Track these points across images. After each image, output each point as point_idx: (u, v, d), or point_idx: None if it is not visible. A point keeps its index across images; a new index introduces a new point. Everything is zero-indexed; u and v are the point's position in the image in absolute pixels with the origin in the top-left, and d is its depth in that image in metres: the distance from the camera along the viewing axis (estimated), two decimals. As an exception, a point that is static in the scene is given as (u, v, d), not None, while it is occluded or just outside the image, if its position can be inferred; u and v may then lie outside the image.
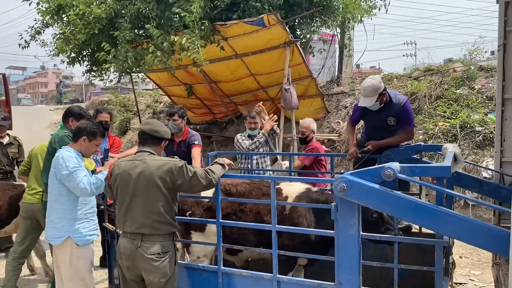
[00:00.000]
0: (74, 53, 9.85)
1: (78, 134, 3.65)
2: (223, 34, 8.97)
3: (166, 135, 3.27)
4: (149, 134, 3.19)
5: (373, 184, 2.62)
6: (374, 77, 4.53)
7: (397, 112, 4.54)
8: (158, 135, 3.20)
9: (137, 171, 3.04)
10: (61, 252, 3.52)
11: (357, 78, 11.06)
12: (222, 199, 3.36)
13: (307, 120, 5.50)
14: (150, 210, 3.02)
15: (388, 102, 4.53)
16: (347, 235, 2.79)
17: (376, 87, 4.38)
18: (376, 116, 4.62)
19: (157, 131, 3.21)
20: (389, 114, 4.56)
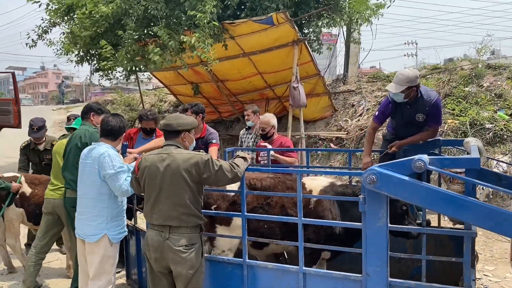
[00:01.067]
0: (83, 52, 9.85)
1: (118, 132, 3.69)
2: (231, 32, 8.98)
3: (180, 126, 3.21)
4: (164, 129, 3.26)
5: (402, 176, 2.64)
6: (413, 70, 4.39)
7: (427, 109, 4.44)
8: (170, 129, 3.21)
9: (164, 164, 3.07)
10: (94, 250, 3.52)
11: (363, 77, 11.09)
12: (247, 193, 3.38)
13: (267, 116, 5.43)
14: (177, 203, 3.04)
15: (419, 99, 4.42)
16: (375, 227, 2.82)
17: (409, 78, 4.22)
18: (405, 112, 4.49)
19: (169, 125, 3.21)
20: (418, 111, 4.45)
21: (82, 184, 3.60)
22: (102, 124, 3.71)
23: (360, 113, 9.44)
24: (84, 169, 3.59)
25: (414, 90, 4.33)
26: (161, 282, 3.17)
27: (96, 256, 3.50)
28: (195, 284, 3.11)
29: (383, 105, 4.67)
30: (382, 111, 4.66)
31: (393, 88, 4.30)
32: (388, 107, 4.58)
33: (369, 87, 10.30)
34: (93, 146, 3.65)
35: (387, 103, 4.58)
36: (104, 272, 3.52)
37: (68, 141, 4.21)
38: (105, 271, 3.53)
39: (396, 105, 4.50)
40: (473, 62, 9.76)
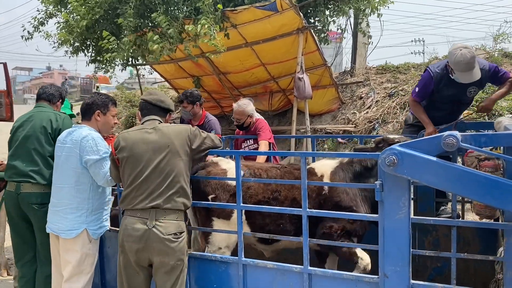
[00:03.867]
0: (78, 42, 9.44)
1: (88, 110, 3.24)
2: (232, 20, 8.54)
3: (172, 106, 3.01)
4: (154, 104, 2.93)
5: (429, 156, 2.18)
6: (466, 46, 3.90)
7: (483, 78, 3.97)
8: (164, 106, 2.96)
9: (152, 140, 2.74)
10: (71, 247, 3.08)
11: (371, 69, 10.60)
12: (243, 180, 2.92)
13: (241, 105, 4.92)
14: (170, 181, 2.71)
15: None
16: (395, 219, 2.36)
17: (474, 55, 3.80)
18: (452, 88, 4.02)
19: (163, 101, 2.97)
20: (473, 83, 3.98)
21: (58, 172, 3.16)
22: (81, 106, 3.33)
23: (368, 105, 8.95)
24: (61, 154, 3.14)
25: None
26: (137, 277, 2.76)
27: (73, 254, 3.06)
28: (182, 279, 2.75)
29: (424, 82, 4.20)
30: (424, 87, 4.18)
31: (477, 75, 3.84)
32: (431, 83, 4.11)
33: (377, 79, 9.80)
34: (73, 129, 3.23)
35: (429, 79, 4.10)
36: (82, 273, 3.08)
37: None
38: (83, 271, 3.08)
39: (440, 80, 4.02)
40: (488, 52, 9.24)
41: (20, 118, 3.57)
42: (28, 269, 3.45)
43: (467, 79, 3.86)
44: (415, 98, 4.26)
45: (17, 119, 3.58)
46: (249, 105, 4.75)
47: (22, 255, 3.47)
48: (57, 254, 3.15)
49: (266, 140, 4.44)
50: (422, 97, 4.23)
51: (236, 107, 4.72)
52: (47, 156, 3.32)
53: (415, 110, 4.34)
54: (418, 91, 4.23)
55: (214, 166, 3.38)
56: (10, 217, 3.45)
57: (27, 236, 3.42)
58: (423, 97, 4.24)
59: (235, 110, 4.71)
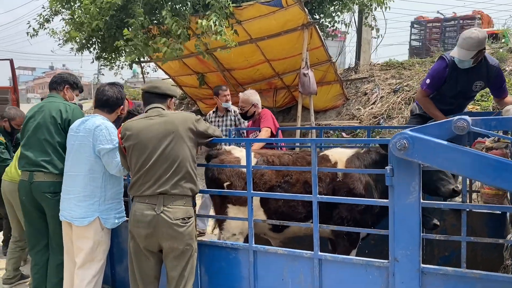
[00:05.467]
0: (84, 39, 9.48)
1: (115, 104, 3.27)
2: (237, 17, 8.57)
3: (170, 91, 3.01)
4: (150, 92, 2.95)
5: (440, 140, 2.20)
6: (480, 30, 3.78)
7: (491, 75, 3.87)
8: (160, 91, 2.95)
9: (157, 127, 2.77)
10: (83, 235, 3.10)
11: (375, 65, 10.61)
12: (253, 167, 2.95)
13: (246, 93, 4.89)
14: (176, 166, 2.73)
15: (482, 63, 3.84)
16: (405, 203, 2.39)
17: (481, 41, 3.64)
18: (461, 79, 3.89)
19: (158, 87, 2.97)
20: (480, 77, 3.88)
21: (71, 160, 3.18)
22: (98, 94, 3.32)
23: (373, 101, 8.97)
24: (74, 143, 3.17)
25: (482, 53, 3.75)
26: (148, 262, 2.79)
27: (86, 241, 3.08)
28: (192, 263, 2.78)
29: (438, 69, 3.94)
30: (438, 75, 3.92)
31: (464, 55, 3.69)
32: (445, 71, 3.89)
33: (382, 75, 9.82)
34: (86, 118, 3.25)
35: (444, 66, 3.89)
36: (94, 260, 3.11)
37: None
38: (95, 258, 3.11)
39: (452, 70, 3.87)
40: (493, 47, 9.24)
41: (32, 108, 3.60)
42: (41, 257, 3.49)
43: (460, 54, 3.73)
44: (427, 90, 4.01)
45: (29, 110, 3.62)
46: (254, 94, 4.80)
47: (35, 244, 3.51)
48: (69, 242, 3.18)
49: (267, 126, 4.49)
50: (435, 88, 3.99)
51: (242, 95, 4.79)
52: (57, 146, 3.34)
53: (426, 106, 4.08)
54: (430, 82, 3.97)
55: (227, 154, 3.41)
56: (23, 206, 3.48)
57: (40, 224, 3.45)
58: (435, 88, 4.00)
59: (241, 98, 4.78)
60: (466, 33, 3.73)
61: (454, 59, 3.81)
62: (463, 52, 3.69)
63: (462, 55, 3.70)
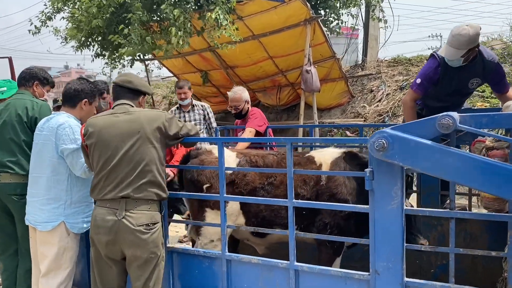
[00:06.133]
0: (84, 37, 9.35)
1: (75, 97, 3.06)
2: (239, 13, 8.37)
3: (143, 87, 2.80)
4: (122, 86, 2.73)
5: (423, 140, 1.95)
6: (473, 26, 3.42)
7: (488, 72, 3.56)
8: (132, 87, 2.73)
9: (121, 125, 2.56)
10: (47, 240, 2.90)
11: (382, 62, 10.29)
12: (226, 169, 2.72)
13: (236, 91, 4.53)
14: (140, 170, 2.52)
15: (477, 60, 3.52)
16: (387, 210, 2.14)
17: (472, 39, 3.33)
18: (456, 77, 3.59)
19: (131, 82, 2.74)
20: (476, 74, 3.58)
21: (34, 161, 2.99)
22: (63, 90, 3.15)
23: (379, 99, 8.68)
24: (38, 142, 2.98)
25: (475, 51, 3.44)
26: (110, 271, 2.58)
27: (50, 247, 2.89)
28: (157, 273, 2.57)
29: (429, 69, 3.63)
30: (429, 76, 3.60)
31: (452, 54, 3.40)
32: (436, 71, 3.58)
33: (389, 72, 9.51)
34: (51, 116, 3.06)
35: (436, 66, 3.59)
36: (60, 268, 2.91)
37: None
38: (61, 266, 2.91)
39: (445, 70, 3.58)
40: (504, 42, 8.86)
41: None
42: (10, 262, 3.31)
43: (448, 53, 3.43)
44: (417, 91, 3.65)
45: None
46: (244, 91, 4.52)
47: (4, 248, 3.33)
48: (34, 247, 3.01)
49: (251, 127, 4.22)
50: (425, 88, 3.63)
51: (232, 94, 4.47)
52: (24, 146, 3.16)
53: (408, 112, 3.74)
54: (421, 82, 3.61)
55: (207, 154, 3.19)
56: None
57: (9, 228, 3.28)
58: (426, 89, 3.64)
59: (231, 97, 4.46)
60: (456, 29, 3.40)
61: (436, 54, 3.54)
62: (451, 51, 3.39)
63: (451, 54, 3.41)
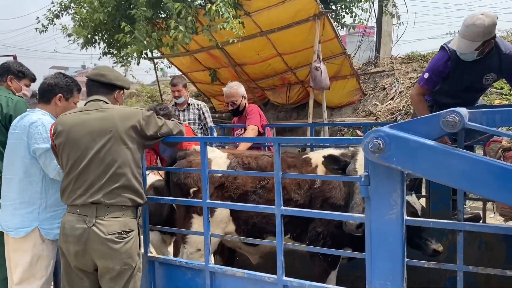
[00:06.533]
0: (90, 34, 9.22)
1: (49, 91, 2.84)
2: (246, 8, 8.12)
3: (118, 81, 2.55)
4: (94, 80, 2.51)
5: (426, 140, 1.67)
6: (488, 15, 3.04)
7: (506, 66, 3.21)
8: (105, 80, 2.51)
9: (92, 123, 2.34)
10: (20, 247, 2.70)
11: (396, 58, 9.92)
12: (209, 172, 2.46)
13: (232, 86, 4.29)
14: (112, 173, 2.30)
15: (493, 53, 3.18)
16: (385, 220, 1.86)
17: (487, 30, 3.00)
18: (468, 72, 3.26)
19: (104, 75, 2.51)
20: (491, 69, 3.24)
21: (6, 161, 2.78)
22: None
23: (392, 96, 8.33)
24: (10, 141, 2.77)
25: (491, 44, 3.11)
26: (82, 284, 2.36)
27: (23, 255, 2.68)
28: (133, 285, 2.34)
29: (439, 62, 3.30)
30: (438, 70, 3.29)
31: (465, 47, 3.06)
32: (446, 65, 3.26)
33: (403, 69, 9.14)
34: (25, 113, 2.85)
35: (446, 59, 3.26)
36: (34, 277, 2.70)
37: None
38: (35, 275, 2.70)
39: (456, 64, 3.26)
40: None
41: None
42: None
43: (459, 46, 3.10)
44: (424, 87, 3.34)
45: None
46: (240, 86, 4.27)
47: None
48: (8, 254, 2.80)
49: (254, 124, 3.95)
50: (434, 83, 3.32)
51: (228, 89, 4.22)
52: None
53: (418, 106, 3.43)
54: (429, 77, 3.30)
55: (196, 155, 2.95)
56: None
57: None
58: (434, 84, 3.32)
59: (227, 93, 4.22)
60: (469, 19, 3.05)
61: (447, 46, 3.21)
62: (464, 44, 3.05)
63: (463, 47, 3.06)
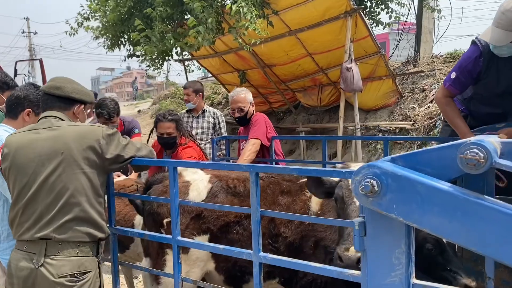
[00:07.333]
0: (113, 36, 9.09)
1: (17, 105, 2.54)
2: (273, 6, 7.69)
3: (77, 94, 2.18)
4: (48, 93, 2.15)
5: (440, 183, 1.18)
6: None
7: None
8: (62, 93, 2.14)
9: (42, 144, 2.00)
10: None
11: (437, 57, 9.16)
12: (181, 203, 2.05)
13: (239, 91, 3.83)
14: (64, 202, 1.95)
15: None
16: (385, 283, 1.38)
17: None
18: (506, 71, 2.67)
19: (59, 88, 2.15)
20: None
21: None
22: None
23: (431, 99, 7.63)
24: None
25: None
26: None
27: None
28: None
29: (468, 59, 2.75)
30: (467, 69, 2.73)
31: (499, 38, 2.47)
32: (477, 62, 2.69)
33: (444, 69, 8.40)
34: None
35: (477, 56, 2.69)
36: None
37: None
38: None
39: (489, 62, 2.67)
40: None
41: None
42: None
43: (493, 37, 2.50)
44: (450, 88, 2.80)
45: None
46: (248, 92, 3.83)
47: None
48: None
49: (256, 137, 3.49)
50: (462, 85, 2.78)
51: (235, 95, 3.77)
52: None
53: (445, 110, 2.89)
54: (456, 77, 2.76)
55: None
56: None
57: None
58: (463, 86, 2.79)
59: (233, 99, 3.77)
60: (506, 3, 2.45)
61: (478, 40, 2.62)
62: (499, 34, 2.45)
63: (498, 38, 2.46)
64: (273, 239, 2.20)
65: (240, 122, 3.80)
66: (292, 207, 2.22)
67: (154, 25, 7.46)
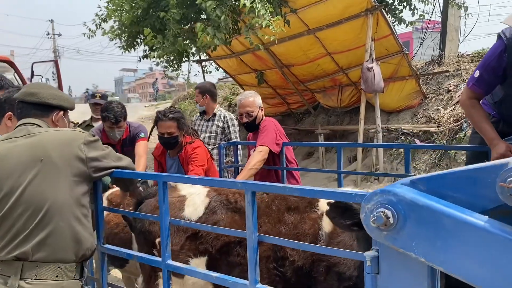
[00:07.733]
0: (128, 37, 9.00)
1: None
2: (291, 5, 7.45)
3: (54, 100, 1.98)
4: (23, 101, 1.95)
5: (471, 216, 0.93)
6: None
7: None
8: (37, 100, 1.94)
9: (19, 152, 1.81)
10: None
11: (464, 57, 8.75)
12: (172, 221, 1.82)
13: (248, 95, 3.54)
14: (42, 216, 1.74)
15: None
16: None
17: None
18: None
19: (34, 94, 1.95)
20: None
21: None
22: None
23: (456, 100, 7.25)
24: None
25: None
26: None
27: None
28: None
29: (492, 56, 2.44)
30: (491, 66, 2.43)
31: None
32: (502, 57, 2.38)
33: (471, 68, 8.00)
34: None
35: (501, 50, 2.39)
36: None
37: None
38: None
39: None
40: None
41: None
42: None
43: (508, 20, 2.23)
44: (474, 88, 2.51)
45: None
46: (257, 95, 3.55)
47: None
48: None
49: (264, 144, 3.21)
50: (487, 84, 2.47)
51: (243, 98, 3.48)
52: None
53: (470, 112, 2.59)
54: (480, 76, 2.47)
55: (171, 192, 2.31)
56: None
57: None
58: (487, 86, 2.48)
59: (241, 103, 3.47)
60: None
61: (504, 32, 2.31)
62: None
63: None
64: (279, 263, 1.95)
65: (248, 128, 3.53)
66: (300, 227, 1.96)
67: (168, 28, 7.31)
